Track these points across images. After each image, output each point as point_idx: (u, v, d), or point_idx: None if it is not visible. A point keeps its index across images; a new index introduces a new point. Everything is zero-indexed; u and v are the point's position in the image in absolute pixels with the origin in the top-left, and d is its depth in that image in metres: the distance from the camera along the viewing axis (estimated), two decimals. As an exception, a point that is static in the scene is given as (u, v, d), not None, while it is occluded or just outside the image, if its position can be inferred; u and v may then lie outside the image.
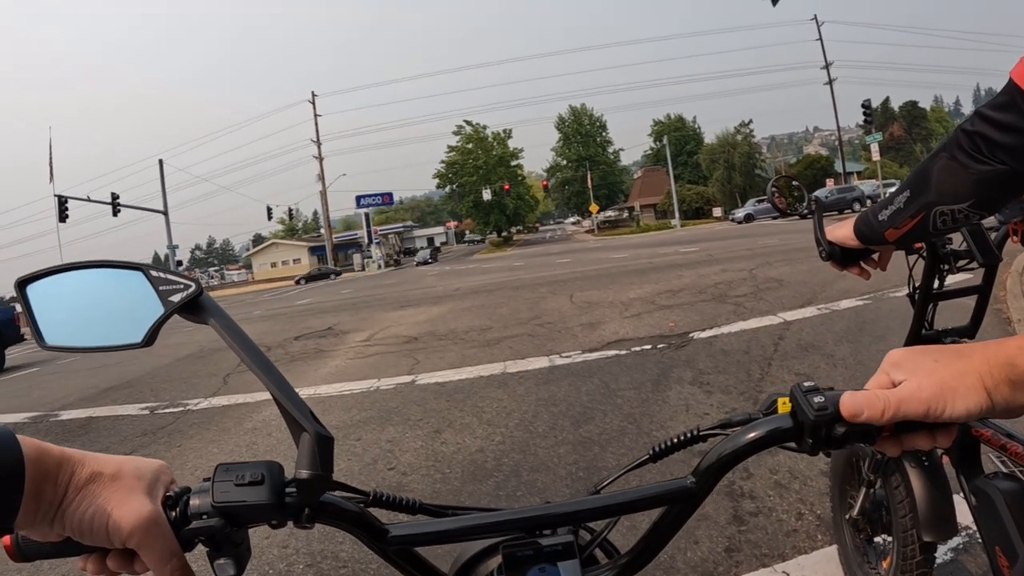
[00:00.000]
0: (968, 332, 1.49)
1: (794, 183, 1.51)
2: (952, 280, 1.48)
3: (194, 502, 0.57)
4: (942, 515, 1.53)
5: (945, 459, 1.54)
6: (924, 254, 1.46)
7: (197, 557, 0.56)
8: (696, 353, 5.79)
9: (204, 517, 0.56)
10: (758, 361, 5.25)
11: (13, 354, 19.94)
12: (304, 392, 6.32)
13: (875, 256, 1.26)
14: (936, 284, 1.47)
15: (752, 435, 0.63)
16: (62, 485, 0.52)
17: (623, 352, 6.22)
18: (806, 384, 0.61)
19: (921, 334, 1.51)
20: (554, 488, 3.39)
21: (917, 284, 1.51)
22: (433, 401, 5.45)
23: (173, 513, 0.57)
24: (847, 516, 1.93)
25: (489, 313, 10.65)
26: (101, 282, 0.64)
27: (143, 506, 0.54)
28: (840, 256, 1.25)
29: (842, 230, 1.22)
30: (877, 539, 1.84)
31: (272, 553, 3.03)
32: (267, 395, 0.59)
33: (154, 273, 0.62)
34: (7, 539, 0.56)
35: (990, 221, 1.24)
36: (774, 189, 1.49)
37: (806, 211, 1.46)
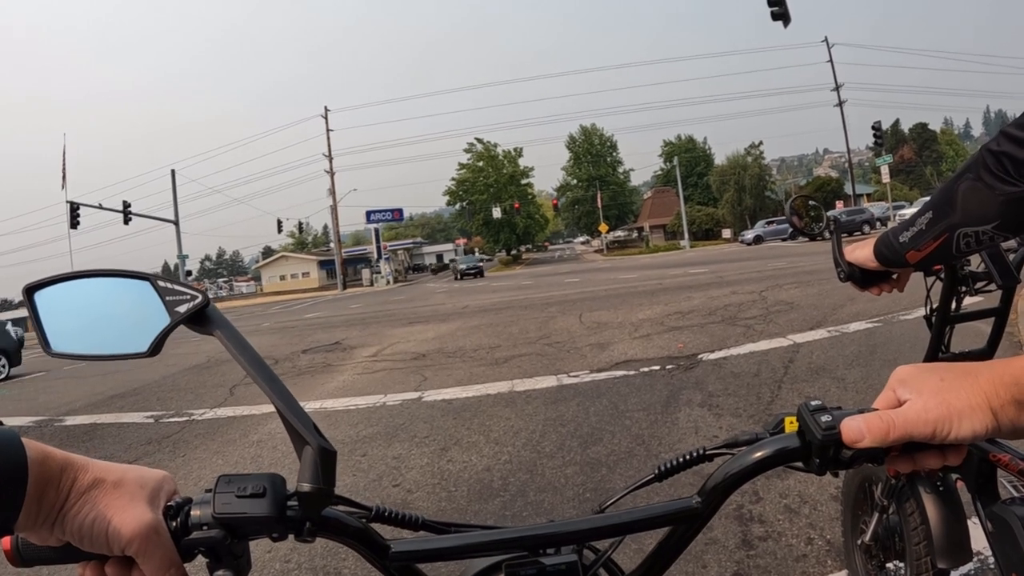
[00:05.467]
0: (985, 355, 1.47)
1: (812, 203, 1.50)
2: (968, 302, 1.45)
3: (195, 513, 0.57)
4: (956, 541, 1.49)
5: (960, 484, 1.51)
6: (942, 275, 1.44)
7: (197, 569, 0.55)
8: (705, 375, 5.75)
9: (205, 528, 0.56)
10: (768, 384, 5.21)
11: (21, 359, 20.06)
12: (310, 406, 6.31)
13: (894, 277, 1.25)
14: (953, 306, 1.45)
15: (759, 455, 0.63)
16: (64, 489, 0.52)
17: (632, 373, 6.19)
18: (813, 403, 0.60)
19: (938, 357, 1.49)
20: (561, 509, 3.36)
21: (934, 306, 1.49)
22: (440, 418, 5.42)
23: (174, 523, 0.57)
24: (859, 541, 1.90)
25: (498, 331, 10.64)
26: (108, 291, 0.63)
27: (144, 514, 0.54)
28: (859, 277, 1.23)
29: (861, 251, 1.20)
30: (889, 565, 1.80)
31: (274, 568, 3.01)
32: (273, 408, 0.58)
33: (161, 283, 0.62)
34: (7, 541, 0.56)
35: (1009, 242, 1.22)
36: (792, 209, 1.48)
37: (824, 232, 1.44)
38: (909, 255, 1.07)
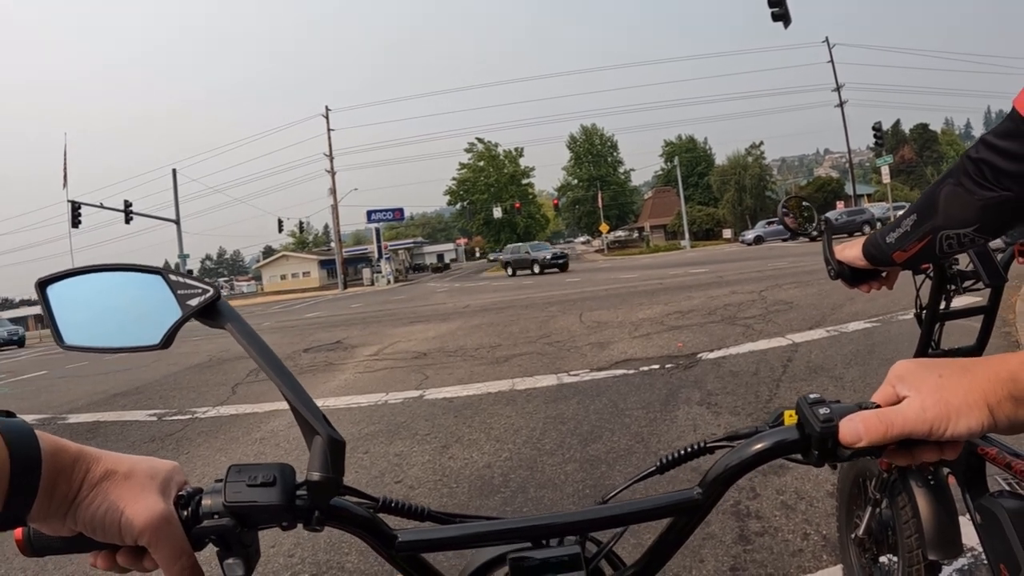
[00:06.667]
0: (974, 352, 1.50)
1: (804, 204, 1.53)
2: (958, 301, 1.49)
3: (206, 502, 0.58)
4: (947, 534, 1.52)
5: (951, 478, 1.54)
6: (931, 275, 1.47)
7: (207, 558, 0.57)
8: (705, 374, 5.79)
9: (215, 517, 0.57)
10: (767, 383, 5.25)
11: (22, 358, 20.13)
12: (312, 404, 6.33)
13: (883, 276, 1.29)
14: (943, 304, 1.49)
15: (758, 447, 0.63)
16: (77, 481, 0.53)
17: (631, 372, 6.23)
18: (812, 396, 0.61)
19: (927, 354, 1.52)
20: (560, 505, 3.40)
21: (924, 304, 1.52)
22: (441, 416, 5.46)
23: (185, 512, 0.58)
24: (852, 535, 1.93)
25: (498, 331, 10.67)
26: (120, 284, 0.64)
27: (155, 504, 0.55)
28: (849, 275, 1.27)
29: (851, 250, 1.24)
30: (882, 559, 1.83)
31: (278, 562, 3.04)
32: (276, 406, 0.61)
33: (173, 277, 0.63)
34: (19, 532, 0.57)
35: (996, 242, 1.26)
36: (785, 210, 1.51)
37: (816, 232, 1.48)
38: (895, 255, 1.11)
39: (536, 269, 32.88)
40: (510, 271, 35.64)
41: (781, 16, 15.59)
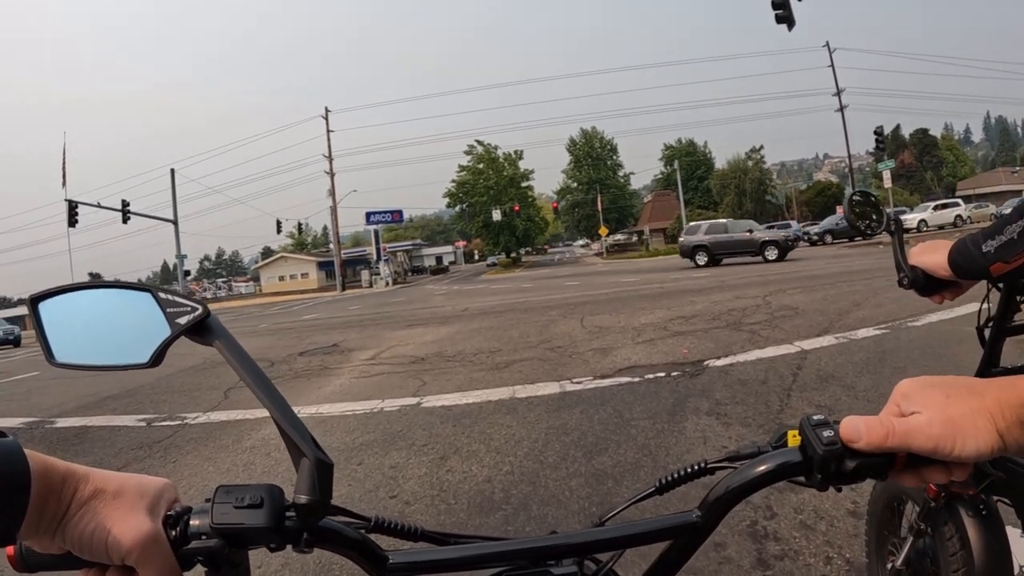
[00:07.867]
0: None
1: (859, 198, 1.37)
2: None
3: (194, 522, 0.58)
4: (1000, 568, 1.39)
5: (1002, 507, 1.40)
6: (1000, 284, 1.31)
7: None
8: (712, 382, 5.61)
9: (203, 537, 0.57)
10: (777, 392, 5.08)
11: (16, 358, 19.97)
12: (306, 411, 6.17)
13: (961, 285, 1.12)
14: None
15: (760, 469, 0.63)
16: (66, 500, 0.53)
17: (636, 379, 6.05)
18: (815, 417, 0.60)
19: (989, 372, 1.37)
20: (566, 523, 3.20)
21: (986, 316, 1.36)
22: (439, 426, 5.27)
23: (173, 532, 0.57)
24: (888, 566, 1.77)
25: (498, 335, 10.50)
26: (111, 302, 0.65)
27: (143, 524, 0.55)
28: (923, 284, 1.11)
29: (931, 257, 1.08)
30: None
31: (265, 585, 2.88)
32: (268, 412, 0.58)
33: (162, 295, 0.63)
34: (11, 549, 0.57)
35: None
36: (850, 207, 1.35)
37: (884, 231, 1.31)
38: (995, 267, 0.93)
39: (771, 255, 23.04)
40: (703, 260, 25.05)
41: (785, 18, 15.51)
